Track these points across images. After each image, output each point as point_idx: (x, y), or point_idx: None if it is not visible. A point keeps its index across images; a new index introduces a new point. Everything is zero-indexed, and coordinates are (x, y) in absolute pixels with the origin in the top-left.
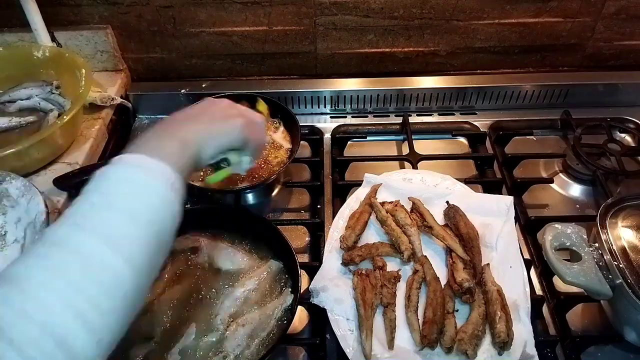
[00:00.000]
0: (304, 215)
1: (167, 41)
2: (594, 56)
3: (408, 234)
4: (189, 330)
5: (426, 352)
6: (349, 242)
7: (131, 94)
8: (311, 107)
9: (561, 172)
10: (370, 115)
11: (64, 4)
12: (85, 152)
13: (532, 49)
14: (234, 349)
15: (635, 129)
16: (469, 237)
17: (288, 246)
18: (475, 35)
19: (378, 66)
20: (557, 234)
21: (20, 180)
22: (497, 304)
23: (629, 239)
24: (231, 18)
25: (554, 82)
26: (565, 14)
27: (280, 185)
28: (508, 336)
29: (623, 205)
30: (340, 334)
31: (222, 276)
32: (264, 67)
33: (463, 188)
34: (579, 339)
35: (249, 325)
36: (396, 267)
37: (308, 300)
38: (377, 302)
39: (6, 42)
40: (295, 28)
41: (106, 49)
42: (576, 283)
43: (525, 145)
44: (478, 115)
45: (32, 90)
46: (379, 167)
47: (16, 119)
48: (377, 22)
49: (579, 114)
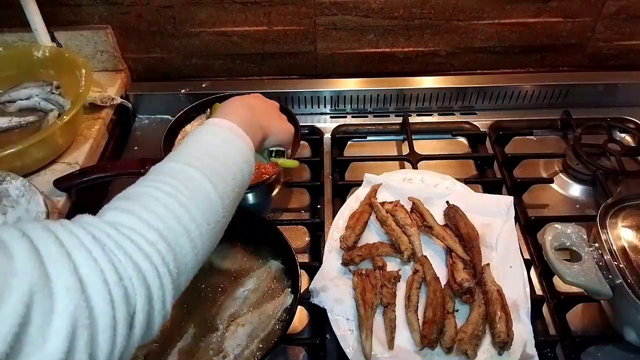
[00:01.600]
0: (304, 215)
1: (167, 41)
2: (594, 56)
3: (408, 234)
4: (188, 330)
5: (426, 352)
6: (349, 242)
7: (131, 94)
8: (311, 107)
9: (561, 172)
10: (370, 115)
11: (64, 4)
12: (85, 152)
13: (532, 49)
14: (234, 349)
15: (635, 129)
16: (469, 237)
17: (288, 246)
18: (475, 35)
19: (378, 66)
20: (557, 234)
21: (20, 180)
22: (497, 304)
23: (629, 239)
24: (231, 18)
25: (554, 82)
26: (565, 14)
27: (280, 185)
28: (508, 336)
29: (623, 205)
30: (340, 334)
31: (222, 276)
32: (264, 67)
33: (463, 188)
34: (579, 339)
35: (248, 325)
36: (396, 267)
37: (308, 300)
38: (377, 302)
39: (6, 42)
40: (295, 28)
41: (106, 49)
42: (576, 283)
43: (525, 145)
44: (478, 115)
45: (32, 90)
46: (379, 167)
47: (16, 119)
48: (377, 22)
49: (579, 114)
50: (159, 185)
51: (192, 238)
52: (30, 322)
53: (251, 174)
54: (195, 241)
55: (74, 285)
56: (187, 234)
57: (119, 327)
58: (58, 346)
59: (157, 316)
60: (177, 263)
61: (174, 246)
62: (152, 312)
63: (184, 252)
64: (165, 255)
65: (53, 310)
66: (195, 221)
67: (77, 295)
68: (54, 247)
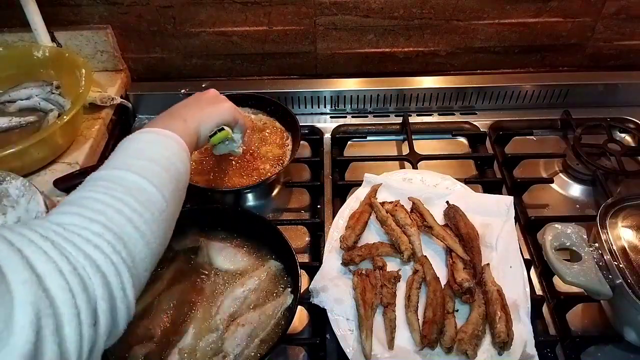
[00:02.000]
0: (304, 215)
1: (167, 41)
2: (594, 56)
3: (408, 234)
4: (188, 330)
5: (426, 352)
6: (349, 242)
7: (131, 94)
8: (311, 107)
9: (561, 172)
10: (370, 115)
11: (64, 4)
12: (85, 152)
13: (532, 49)
14: (234, 349)
15: (635, 129)
16: (469, 237)
17: (288, 246)
18: (475, 35)
19: (378, 66)
20: (557, 234)
21: (20, 180)
22: (497, 304)
23: (629, 239)
24: (231, 18)
25: (554, 82)
26: (565, 14)
27: (280, 185)
28: (508, 336)
29: (623, 205)
30: (340, 334)
31: (222, 276)
32: (264, 67)
33: (463, 188)
34: (579, 339)
35: (248, 325)
36: (396, 267)
37: (308, 300)
38: (377, 302)
39: (6, 42)
40: (295, 28)
41: (106, 49)
42: (576, 283)
43: (525, 145)
44: (478, 115)
45: (32, 90)
46: (379, 167)
47: (16, 119)
48: (377, 22)
49: (579, 114)
50: (93, 188)
51: (138, 227)
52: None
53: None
54: (142, 230)
55: (30, 278)
56: (131, 223)
57: (82, 316)
58: (24, 336)
59: (121, 306)
60: (128, 251)
61: (121, 235)
62: (114, 301)
63: (133, 241)
64: (114, 244)
65: (13, 305)
66: (136, 211)
67: (34, 287)
68: (3, 246)
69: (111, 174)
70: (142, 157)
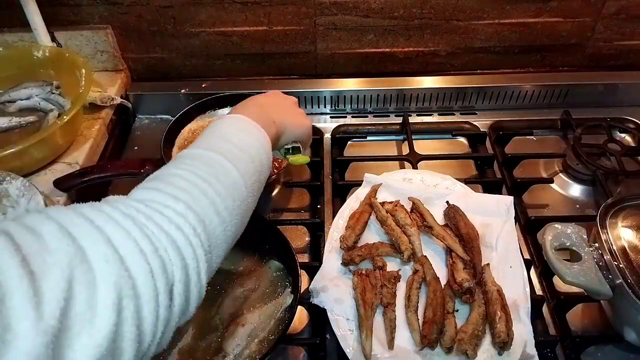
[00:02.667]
0: (304, 215)
1: (167, 41)
2: (594, 56)
3: (408, 234)
4: (188, 330)
5: (426, 352)
6: (349, 242)
7: (131, 94)
8: (311, 107)
9: (561, 172)
10: (370, 115)
11: (64, 4)
12: (85, 152)
13: (532, 49)
14: (234, 349)
15: (635, 129)
16: (469, 237)
17: (288, 246)
18: (475, 35)
19: (378, 66)
20: (557, 234)
21: (20, 180)
22: (497, 304)
23: (629, 239)
24: (231, 18)
25: (554, 82)
26: (565, 14)
27: (280, 185)
28: (508, 336)
29: (623, 205)
30: (340, 334)
31: (222, 276)
32: (264, 67)
33: (463, 188)
34: (579, 339)
35: (248, 325)
36: (396, 267)
37: (308, 300)
38: (377, 302)
39: (6, 42)
40: (295, 28)
41: (106, 49)
42: (576, 283)
43: (525, 145)
44: (478, 115)
45: (32, 90)
46: (379, 167)
47: (16, 119)
48: (377, 22)
49: (579, 114)
50: (180, 166)
51: (219, 211)
52: (74, 296)
53: (269, 163)
54: (223, 215)
55: (112, 256)
56: (214, 206)
57: (160, 298)
58: (107, 318)
59: (194, 289)
60: (207, 235)
61: (203, 217)
62: (189, 284)
63: (213, 225)
64: (195, 226)
65: (96, 283)
66: (220, 195)
67: (117, 265)
68: (84, 224)
69: (200, 154)
70: (232, 143)
